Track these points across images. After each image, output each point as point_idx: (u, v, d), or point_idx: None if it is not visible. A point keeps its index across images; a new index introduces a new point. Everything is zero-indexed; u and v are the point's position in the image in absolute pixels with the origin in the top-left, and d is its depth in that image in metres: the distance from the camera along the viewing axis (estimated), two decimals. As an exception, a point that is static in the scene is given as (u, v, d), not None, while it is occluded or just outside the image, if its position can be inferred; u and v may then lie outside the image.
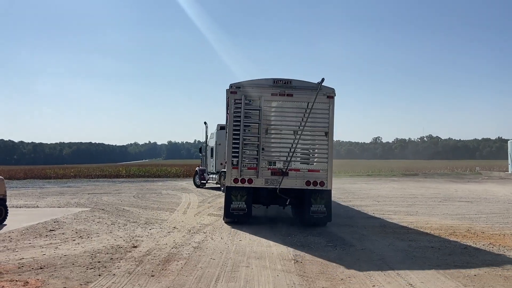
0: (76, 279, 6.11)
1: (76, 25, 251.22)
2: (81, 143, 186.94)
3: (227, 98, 11.34)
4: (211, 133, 26.77)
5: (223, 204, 12.08)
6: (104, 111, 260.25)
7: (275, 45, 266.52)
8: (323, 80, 10.78)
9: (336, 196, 21.06)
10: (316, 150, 11.34)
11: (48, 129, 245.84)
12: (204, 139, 27.36)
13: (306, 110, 10.91)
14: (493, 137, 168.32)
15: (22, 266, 6.81)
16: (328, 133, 11.06)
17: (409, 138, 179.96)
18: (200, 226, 11.04)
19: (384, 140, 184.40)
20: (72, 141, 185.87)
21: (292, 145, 10.96)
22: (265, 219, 12.44)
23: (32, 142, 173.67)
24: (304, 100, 10.98)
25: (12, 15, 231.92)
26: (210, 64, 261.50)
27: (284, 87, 11.09)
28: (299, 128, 10.93)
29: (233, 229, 10.54)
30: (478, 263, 7.19)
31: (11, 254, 7.67)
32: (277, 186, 10.97)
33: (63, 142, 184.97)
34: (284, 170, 10.99)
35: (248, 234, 9.94)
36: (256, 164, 11.01)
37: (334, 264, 7.07)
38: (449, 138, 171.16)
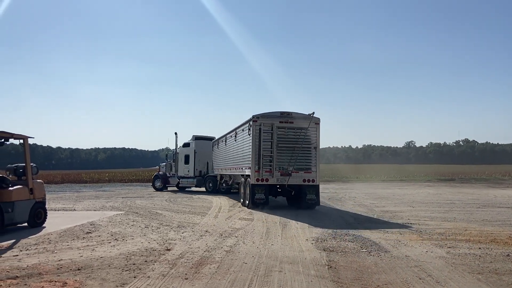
0: (112, 280, 6.22)
1: (113, 34, 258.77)
2: (115, 148, 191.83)
3: (249, 124, 16.42)
4: (185, 142, 29.59)
5: (243, 206, 17.68)
6: (136, 117, 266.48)
7: (307, 48, 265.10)
8: (313, 112, 15.96)
9: (369, 201, 20.68)
10: (308, 159, 16.23)
11: (84, 135, 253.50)
12: (174, 147, 30.21)
13: (301, 132, 16.00)
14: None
15: (61, 267, 7.00)
16: (316, 147, 16.29)
17: (444, 142, 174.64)
18: (231, 230, 11.05)
19: (417, 145, 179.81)
20: (107, 146, 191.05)
21: (292, 155, 15.88)
22: (296, 223, 12.34)
23: (69, 148, 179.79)
24: (300, 126, 16.06)
25: (50, 24, 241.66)
26: (240, 70, 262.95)
27: (287, 117, 16.18)
28: (297, 144, 15.93)
29: (264, 234, 10.50)
30: (523, 272, 6.83)
31: (50, 256, 7.91)
32: (286, 183, 16.00)
33: (98, 148, 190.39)
34: (289, 172, 15.91)
35: (280, 238, 9.88)
36: (271, 168, 15.97)
37: (369, 270, 6.88)
38: (487, 142, 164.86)
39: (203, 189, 28.87)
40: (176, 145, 29.95)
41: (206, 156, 28.81)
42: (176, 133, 29.91)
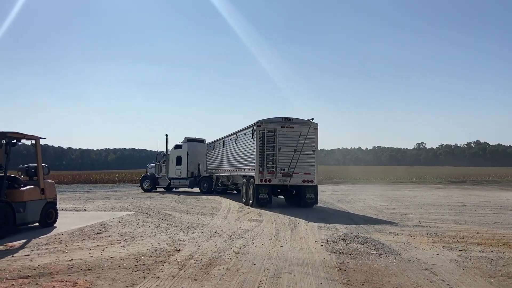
0: (122, 281, 6.25)
1: (123, 36, 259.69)
2: (124, 149, 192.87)
3: (253, 128, 17.62)
4: (176, 144, 30.37)
5: (245, 205, 18.75)
6: (146, 118, 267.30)
7: (316, 47, 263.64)
8: (312, 118, 17.49)
9: (379, 203, 20.54)
10: (307, 161, 17.40)
11: (95, 135, 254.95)
12: (165, 149, 30.63)
13: (301, 137, 17.15)
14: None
15: (71, 267, 7.06)
16: (314, 150, 17.57)
17: (455, 144, 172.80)
18: (240, 231, 11.05)
19: (428, 146, 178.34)
20: (117, 147, 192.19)
21: (293, 158, 17.09)
22: (305, 225, 12.30)
23: (79, 148, 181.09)
24: (300, 130, 17.28)
25: (64, 28, 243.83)
26: (249, 70, 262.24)
27: (288, 122, 17.42)
28: (297, 147, 17.11)
29: (274, 235, 10.49)
30: (536, 276, 6.72)
31: (61, 256, 7.98)
32: (287, 184, 17.24)
33: (108, 148, 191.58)
34: (290, 173, 17.17)
35: (289, 240, 9.85)
36: (273, 170, 17.16)
37: (379, 273, 6.83)
38: (498, 144, 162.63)
39: (191, 189, 30.01)
40: (167, 146, 30.55)
41: (197, 157, 30.07)
42: (166, 135, 30.58)
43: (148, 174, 31.42)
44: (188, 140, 30.21)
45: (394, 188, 36.09)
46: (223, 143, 23.72)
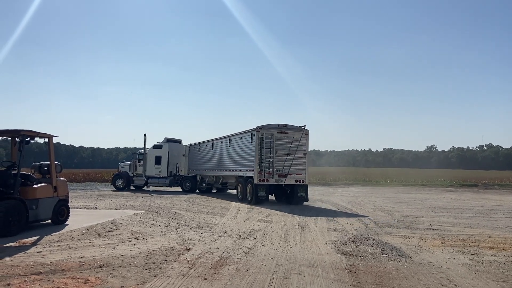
0: (133, 278, 6.30)
1: (136, 36, 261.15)
2: (135, 148, 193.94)
3: (252, 133, 19.47)
4: (156, 144, 30.87)
5: (241, 202, 20.44)
6: (157, 118, 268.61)
7: (328, 50, 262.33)
8: (305, 125, 19.56)
9: (389, 206, 20.40)
10: (300, 163, 19.34)
11: (106, 134, 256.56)
12: (143, 148, 30.72)
13: (294, 141, 19.14)
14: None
15: (83, 264, 7.13)
16: (306, 154, 19.54)
17: (467, 147, 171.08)
18: (250, 232, 11.06)
19: (439, 149, 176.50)
20: (127, 146, 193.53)
21: (287, 160, 19.02)
22: (314, 226, 12.27)
23: (90, 147, 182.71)
24: (294, 136, 19.26)
25: (74, 26, 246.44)
26: (261, 71, 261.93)
27: (283, 128, 19.40)
28: (290, 150, 19.08)
29: (283, 236, 10.48)
30: (550, 282, 6.62)
31: (73, 253, 8.06)
32: (283, 183, 19.11)
33: (119, 147, 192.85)
34: (285, 174, 19.01)
35: (299, 241, 9.83)
36: (270, 170, 18.96)
37: (390, 275, 6.78)
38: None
39: (170, 188, 30.56)
40: (145, 145, 30.69)
41: (176, 157, 31.07)
42: (145, 134, 30.88)
43: (121, 172, 31.40)
44: (168, 140, 31.01)
45: (404, 190, 35.80)
46: (212, 145, 25.39)
